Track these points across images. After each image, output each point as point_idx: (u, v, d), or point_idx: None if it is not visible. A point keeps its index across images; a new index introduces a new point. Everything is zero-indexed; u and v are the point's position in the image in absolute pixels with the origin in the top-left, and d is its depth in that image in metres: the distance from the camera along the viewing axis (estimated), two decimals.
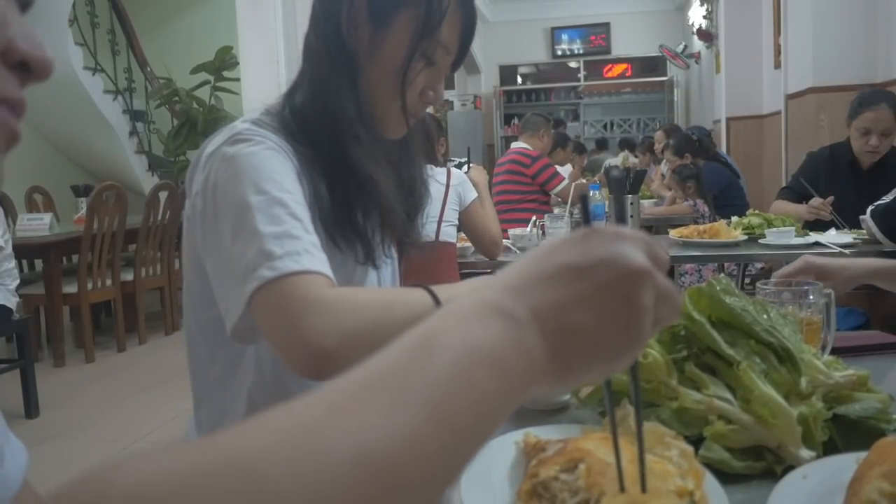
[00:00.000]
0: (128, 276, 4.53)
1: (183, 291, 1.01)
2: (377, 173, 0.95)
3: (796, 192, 3.09)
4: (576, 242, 0.42)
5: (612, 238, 0.42)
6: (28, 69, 0.35)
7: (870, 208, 2.50)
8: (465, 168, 2.62)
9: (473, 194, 2.46)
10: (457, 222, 2.45)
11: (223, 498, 0.27)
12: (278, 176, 0.86)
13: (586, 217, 0.48)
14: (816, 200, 2.85)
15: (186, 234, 0.96)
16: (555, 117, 6.79)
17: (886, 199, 2.47)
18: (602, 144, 9.64)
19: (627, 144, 8.67)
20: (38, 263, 4.56)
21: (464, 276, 2.46)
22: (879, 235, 2.41)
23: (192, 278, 0.98)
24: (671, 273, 3.99)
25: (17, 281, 3.19)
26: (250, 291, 0.79)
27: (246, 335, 0.83)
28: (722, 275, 0.89)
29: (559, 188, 3.98)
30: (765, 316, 0.82)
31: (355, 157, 0.93)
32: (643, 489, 0.54)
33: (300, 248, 0.81)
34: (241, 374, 0.99)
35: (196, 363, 1.02)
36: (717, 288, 0.83)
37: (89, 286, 4.17)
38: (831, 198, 2.83)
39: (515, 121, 9.14)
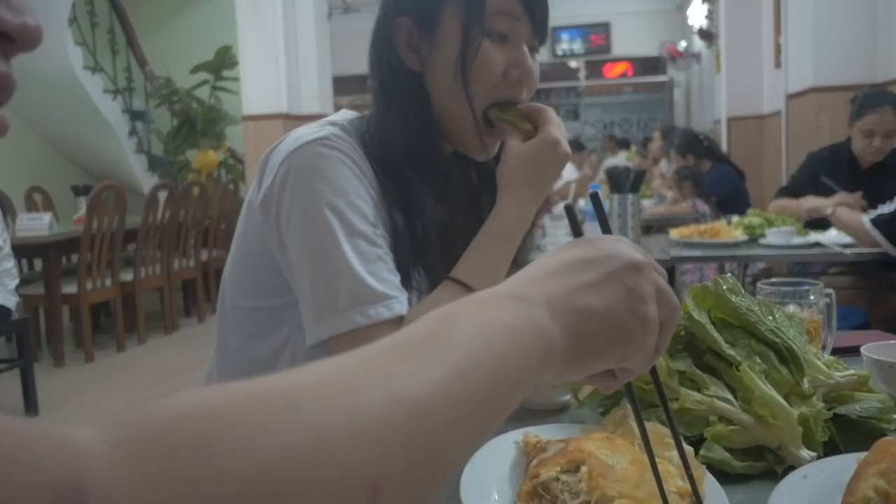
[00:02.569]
0: (127, 276, 4.53)
1: (225, 272, 0.98)
2: (451, 218, 0.91)
3: (795, 193, 3.08)
4: (577, 244, 0.48)
5: (611, 239, 0.48)
6: (11, 39, 0.33)
7: (869, 217, 2.45)
8: None
9: None
10: None
11: (268, 419, 0.29)
12: (365, 206, 0.85)
13: (576, 229, 0.53)
14: (846, 196, 2.79)
15: (244, 219, 0.94)
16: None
17: (886, 208, 2.44)
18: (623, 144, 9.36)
19: (623, 144, 8.66)
20: (38, 263, 4.56)
21: None
22: (887, 245, 2.37)
23: (237, 263, 0.95)
24: (672, 272, 3.99)
25: (17, 280, 3.19)
26: (339, 331, 0.81)
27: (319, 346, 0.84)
28: (728, 274, 0.89)
29: (556, 187, 3.95)
30: (770, 317, 0.82)
31: (429, 202, 0.89)
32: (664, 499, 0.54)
33: (389, 290, 0.82)
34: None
35: (224, 347, 0.98)
36: (724, 287, 0.83)
37: (89, 286, 4.16)
38: (859, 192, 2.77)
39: None
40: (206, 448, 0.27)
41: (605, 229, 0.54)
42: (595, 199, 0.55)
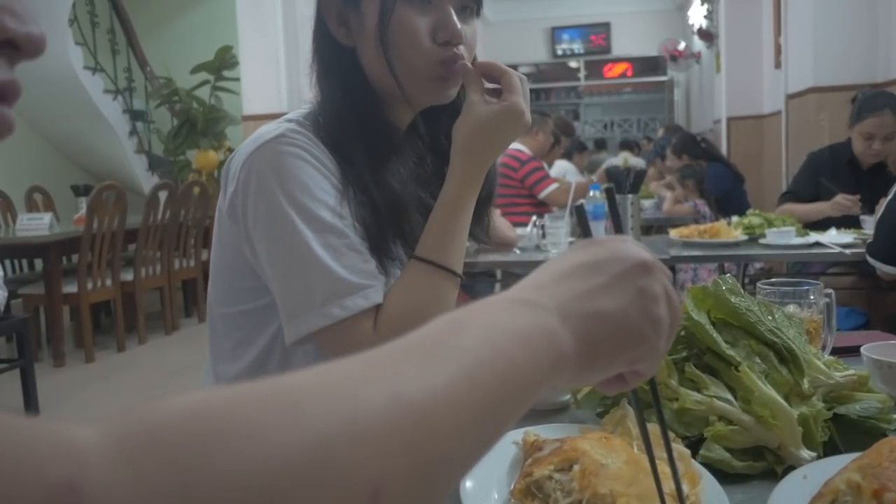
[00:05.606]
0: (128, 275, 4.53)
1: (209, 281, 0.99)
2: (404, 191, 0.91)
3: (798, 196, 3.07)
4: (584, 246, 0.47)
5: (618, 240, 0.47)
6: (16, 47, 0.34)
7: (866, 251, 2.38)
8: None
9: None
10: None
11: (269, 419, 0.28)
12: (329, 198, 0.85)
13: (586, 229, 0.52)
14: (842, 196, 2.79)
15: (217, 227, 0.94)
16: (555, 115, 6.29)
17: (868, 238, 2.41)
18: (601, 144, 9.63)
19: (626, 145, 8.69)
20: (38, 263, 4.56)
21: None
22: (889, 269, 2.32)
23: (219, 272, 0.96)
24: (672, 271, 3.99)
25: (0, 272, 3.17)
26: (318, 327, 0.81)
27: (301, 343, 0.85)
28: (728, 275, 0.89)
29: (547, 192, 3.75)
30: (770, 317, 0.82)
31: (385, 179, 0.90)
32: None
33: (365, 279, 0.83)
34: (267, 373, 0.97)
35: (217, 353, 1.00)
36: (723, 287, 0.83)
37: (89, 286, 4.16)
38: (857, 196, 2.77)
39: None
40: (206, 447, 0.26)
41: (619, 229, 0.53)
42: (609, 194, 0.55)
